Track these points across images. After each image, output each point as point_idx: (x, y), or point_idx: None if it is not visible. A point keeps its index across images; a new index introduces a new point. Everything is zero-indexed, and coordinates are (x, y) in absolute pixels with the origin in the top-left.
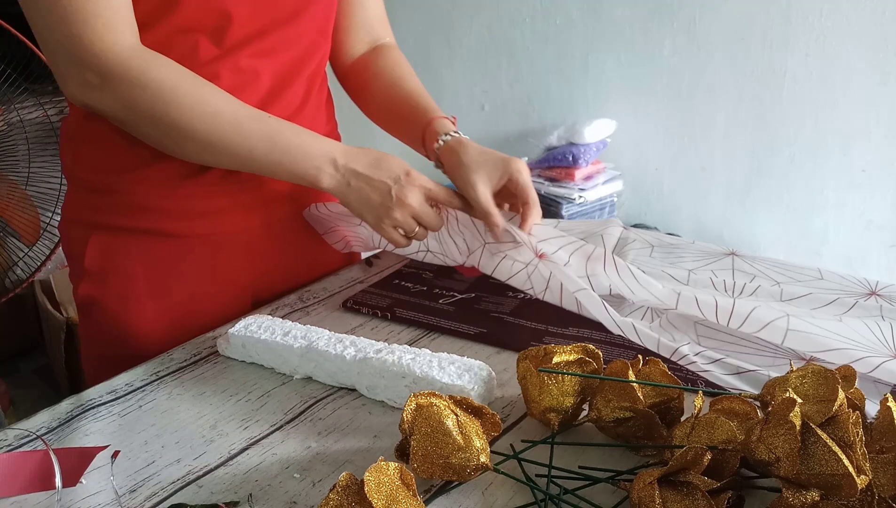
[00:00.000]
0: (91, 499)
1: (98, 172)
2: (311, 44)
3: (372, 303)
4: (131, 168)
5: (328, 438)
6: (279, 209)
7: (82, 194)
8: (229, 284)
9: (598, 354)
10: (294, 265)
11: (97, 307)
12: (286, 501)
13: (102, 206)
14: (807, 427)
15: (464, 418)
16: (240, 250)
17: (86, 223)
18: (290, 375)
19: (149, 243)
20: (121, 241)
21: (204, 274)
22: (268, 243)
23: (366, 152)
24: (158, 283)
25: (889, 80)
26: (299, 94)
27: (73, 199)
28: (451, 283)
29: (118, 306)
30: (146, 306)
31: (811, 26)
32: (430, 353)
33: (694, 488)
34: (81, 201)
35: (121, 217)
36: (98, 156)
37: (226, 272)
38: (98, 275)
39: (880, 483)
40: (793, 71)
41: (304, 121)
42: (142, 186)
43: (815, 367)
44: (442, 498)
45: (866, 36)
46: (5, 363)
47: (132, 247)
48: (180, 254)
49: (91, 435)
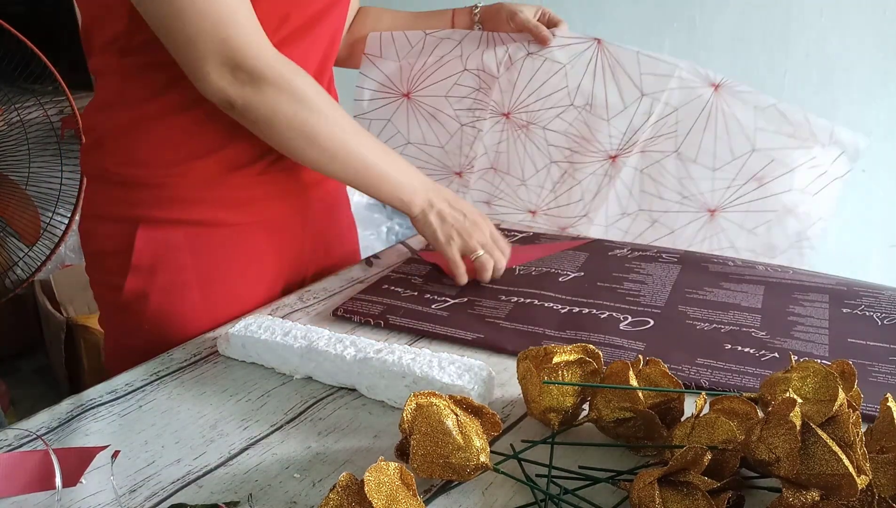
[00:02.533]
0: (91, 499)
1: (140, 167)
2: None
3: (363, 311)
4: (178, 161)
5: (328, 438)
6: (314, 195)
7: (115, 189)
8: (266, 270)
9: (598, 354)
10: (323, 251)
11: (146, 301)
12: (286, 501)
13: (146, 200)
14: (807, 427)
15: (464, 418)
16: (278, 235)
17: (126, 220)
18: (290, 375)
19: (197, 234)
20: (169, 233)
21: (247, 261)
22: (302, 228)
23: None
24: (207, 272)
25: (889, 80)
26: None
27: (104, 195)
28: (442, 288)
29: (167, 298)
30: (195, 295)
31: (811, 26)
32: (430, 353)
33: (694, 488)
34: (115, 196)
35: (167, 210)
36: (141, 151)
37: (264, 259)
38: (147, 269)
39: (880, 483)
40: (793, 71)
41: None
42: (187, 178)
43: (816, 367)
44: (442, 498)
45: (866, 36)
46: (5, 363)
47: (181, 238)
48: (227, 242)
49: (91, 435)
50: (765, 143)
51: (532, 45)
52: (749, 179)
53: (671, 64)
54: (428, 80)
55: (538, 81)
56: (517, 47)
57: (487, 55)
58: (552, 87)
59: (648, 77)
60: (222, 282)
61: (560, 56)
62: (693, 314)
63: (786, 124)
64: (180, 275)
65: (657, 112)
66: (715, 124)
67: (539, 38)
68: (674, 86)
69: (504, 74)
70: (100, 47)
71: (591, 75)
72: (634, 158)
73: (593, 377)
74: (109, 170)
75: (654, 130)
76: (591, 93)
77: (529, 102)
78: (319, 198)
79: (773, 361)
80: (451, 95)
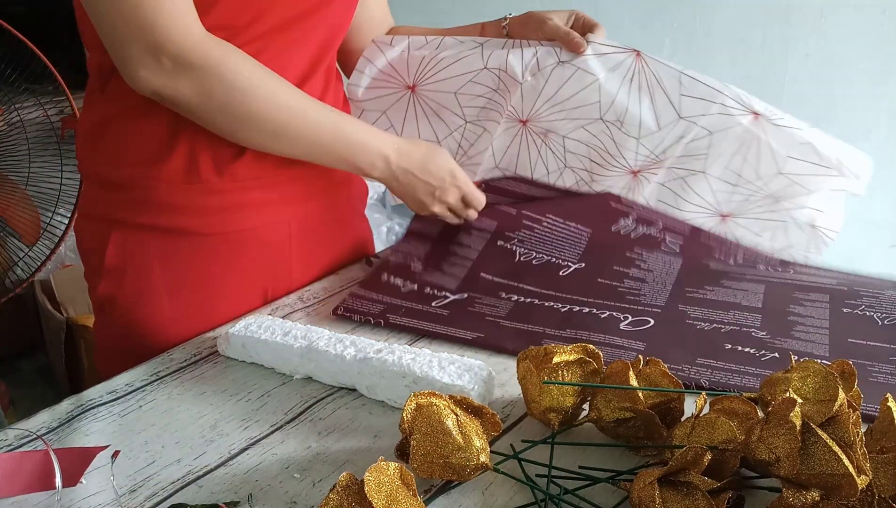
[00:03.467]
0: (91, 499)
1: (115, 168)
2: (327, 37)
3: (363, 310)
4: (149, 162)
5: (328, 438)
6: (295, 207)
7: (99, 190)
8: (244, 281)
9: (598, 354)
10: (308, 263)
11: (115, 305)
12: (286, 501)
13: (120, 202)
14: (807, 427)
15: (464, 418)
16: (256, 246)
17: (104, 220)
18: (290, 375)
19: (165, 240)
20: (139, 238)
21: (220, 271)
22: (284, 239)
23: (416, 147)
24: (175, 280)
25: (889, 80)
26: (317, 87)
27: (91, 196)
28: (442, 279)
29: (135, 304)
30: (163, 303)
31: (811, 26)
32: (430, 353)
33: (694, 488)
34: (99, 197)
35: (138, 214)
36: (115, 152)
37: (241, 269)
38: (117, 272)
39: (880, 483)
40: (793, 71)
41: None
42: (160, 182)
43: (816, 367)
44: (442, 498)
45: (866, 36)
46: (5, 363)
47: (150, 244)
48: (197, 251)
49: (91, 435)
50: (792, 169)
51: (564, 52)
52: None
53: (715, 90)
54: (440, 74)
55: (567, 91)
56: (547, 52)
57: (513, 55)
58: (581, 100)
59: (688, 100)
60: (195, 291)
61: (595, 66)
62: (693, 314)
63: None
64: (148, 281)
65: (691, 135)
66: (747, 150)
67: (571, 46)
68: (714, 111)
69: (529, 80)
70: (86, 44)
71: (627, 92)
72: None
73: (593, 377)
74: (94, 172)
75: (684, 150)
76: (624, 110)
77: (553, 112)
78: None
79: (773, 361)
80: (463, 93)
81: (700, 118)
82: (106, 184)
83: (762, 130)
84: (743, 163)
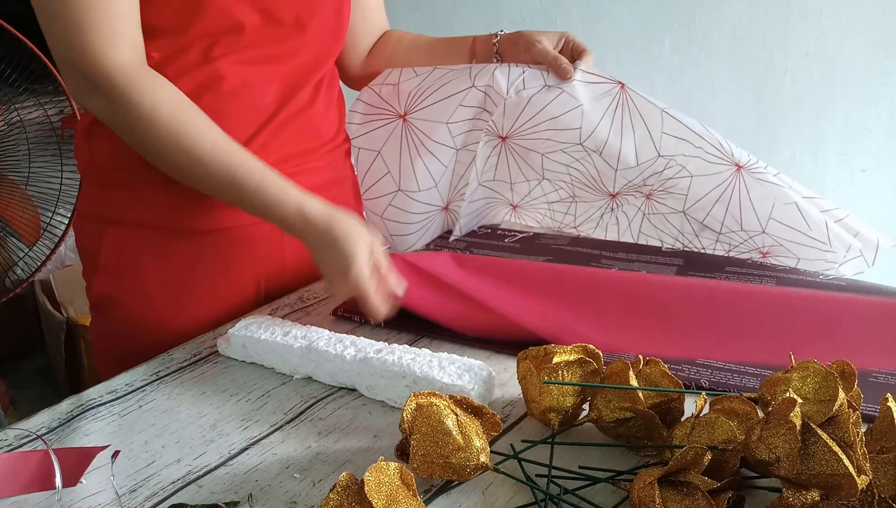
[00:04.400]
0: (91, 499)
1: (112, 169)
2: (321, 50)
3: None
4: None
5: (328, 438)
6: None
7: (97, 189)
8: (241, 279)
9: (598, 354)
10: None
11: (111, 304)
12: (286, 501)
13: (117, 201)
14: (807, 427)
15: (464, 418)
16: (252, 245)
17: (101, 219)
18: (290, 375)
19: (161, 239)
20: (133, 236)
21: (216, 270)
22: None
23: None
24: (171, 279)
25: (889, 80)
26: (305, 97)
27: (89, 195)
28: None
29: (131, 303)
30: (159, 302)
31: (811, 26)
32: (430, 353)
33: (694, 488)
34: (96, 196)
35: (134, 213)
36: (112, 151)
37: (238, 268)
38: (113, 271)
39: (880, 483)
40: (793, 71)
41: (312, 122)
42: (154, 181)
43: (816, 367)
44: (442, 498)
45: (866, 36)
46: (5, 363)
47: (145, 242)
48: (193, 249)
49: (91, 435)
50: (777, 232)
51: (551, 76)
52: (752, 251)
53: (697, 135)
54: (430, 98)
55: (550, 112)
56: (534, 74)
57: (500, 71)
58: (563, 123)
59: (669, 139)
60: (191, 290)
61: (579, 92)
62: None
63: (803, 225)
64: (143, 279)
65: (671, 172)
66: (728, 200)
67: (559, 72)
68: (694, 154)
69: (513, 97)
70: None
71: (609, 122)
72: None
73: (593, 377)
74: (92, 171)
75: (663, 186)
76: (605, 141)
77: (534, 132)
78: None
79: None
80: (453, 121)
81: (679, 157)
82: (103, 183)
83: (744, 182)
84: (725, 213)
